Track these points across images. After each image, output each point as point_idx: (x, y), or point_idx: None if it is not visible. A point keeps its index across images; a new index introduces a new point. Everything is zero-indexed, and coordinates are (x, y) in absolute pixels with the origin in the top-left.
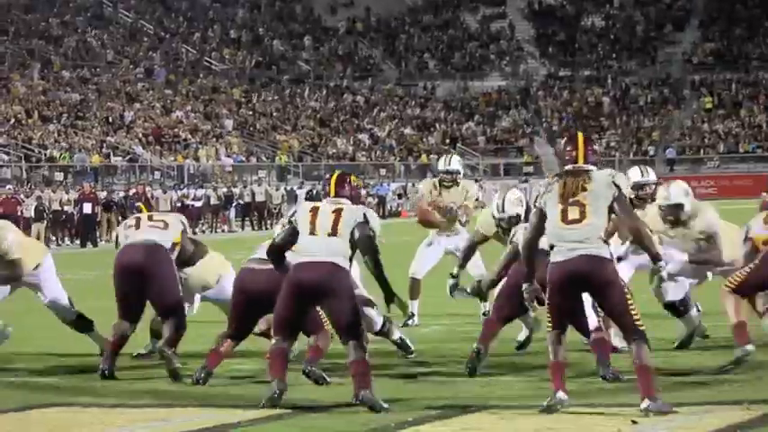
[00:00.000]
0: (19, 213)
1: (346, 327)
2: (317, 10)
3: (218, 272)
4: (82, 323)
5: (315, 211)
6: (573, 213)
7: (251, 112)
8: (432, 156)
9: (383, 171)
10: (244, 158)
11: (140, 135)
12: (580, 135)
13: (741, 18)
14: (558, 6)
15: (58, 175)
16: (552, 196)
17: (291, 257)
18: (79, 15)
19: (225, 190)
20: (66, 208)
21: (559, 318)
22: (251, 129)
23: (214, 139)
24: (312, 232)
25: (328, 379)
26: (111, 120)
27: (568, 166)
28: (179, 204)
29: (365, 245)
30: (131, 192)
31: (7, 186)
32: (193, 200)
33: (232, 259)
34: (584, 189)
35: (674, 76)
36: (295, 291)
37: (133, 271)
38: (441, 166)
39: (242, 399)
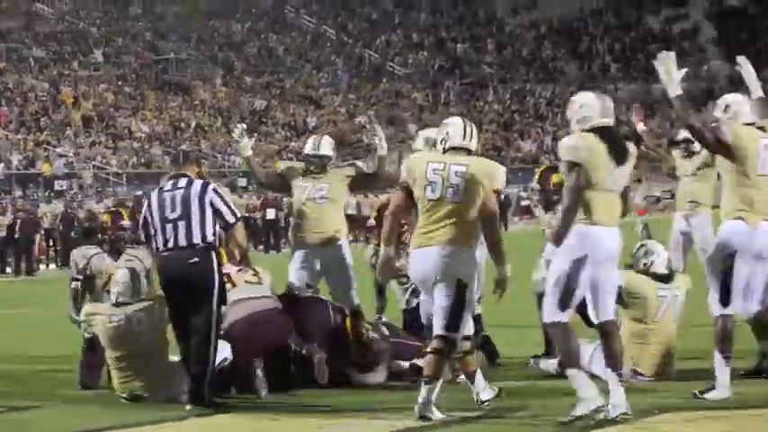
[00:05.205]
0: None
1: None
2: (499, 12)
3: None
4: None
5: None
6: None
7: (434, 116)
8: None
9: None
10: None
11: None
12: None
13: None
14: (741, 7)
15: (241, 181)
16: None
17: None
18: (261, 21)
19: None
20: (251, 214)
21: None
22: None
23: (398, 144)
24: None
25: None
26: (294, 125)
27: None
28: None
29: None
30: None
31: None
32: None
33: None
34: None
35: None
36: None
37: None
38: None
39: None
